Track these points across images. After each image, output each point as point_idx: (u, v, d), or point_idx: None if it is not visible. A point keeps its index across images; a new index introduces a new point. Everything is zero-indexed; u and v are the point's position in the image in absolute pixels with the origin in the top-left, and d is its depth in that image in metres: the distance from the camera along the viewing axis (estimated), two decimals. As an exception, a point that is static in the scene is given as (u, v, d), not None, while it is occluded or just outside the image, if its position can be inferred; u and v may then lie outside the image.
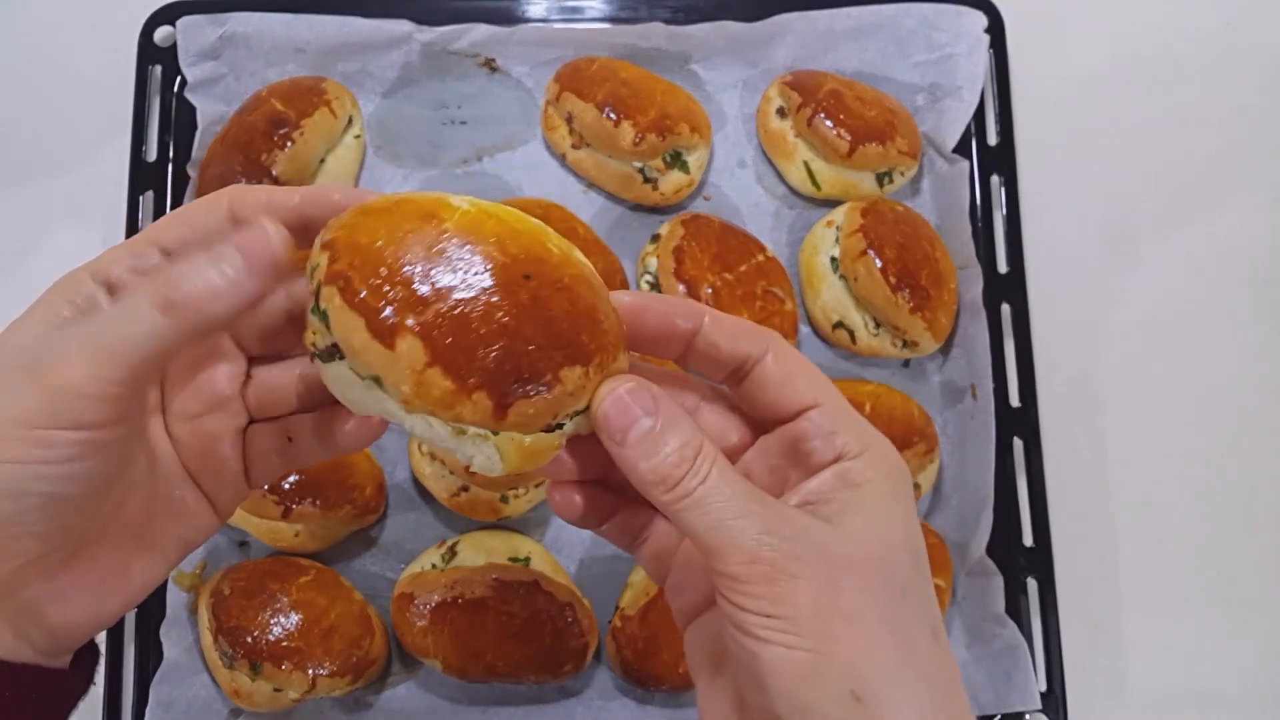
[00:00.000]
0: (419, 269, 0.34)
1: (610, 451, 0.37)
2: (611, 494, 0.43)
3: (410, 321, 0.34)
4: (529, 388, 0.35)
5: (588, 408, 0.37)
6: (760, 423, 0.41)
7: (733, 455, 0.41)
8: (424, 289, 0.34)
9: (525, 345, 0.34)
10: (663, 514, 0.37)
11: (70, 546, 0.37)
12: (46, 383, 0.33)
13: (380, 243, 0.35)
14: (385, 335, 0.34)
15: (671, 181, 0.81)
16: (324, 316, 0.35)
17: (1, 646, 0.36)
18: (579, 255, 0.38)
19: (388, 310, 0.34)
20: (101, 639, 0.69)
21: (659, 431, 0.36)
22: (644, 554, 0.45)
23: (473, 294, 0.34)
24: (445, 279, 0.34)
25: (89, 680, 0.40)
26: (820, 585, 0.34)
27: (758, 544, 0.34)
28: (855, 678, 0.34)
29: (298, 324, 0.42)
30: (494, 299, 0.34)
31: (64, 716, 0.40)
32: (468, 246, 0.35)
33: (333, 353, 0.36)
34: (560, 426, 0.37)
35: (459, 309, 0.34)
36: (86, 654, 0.41)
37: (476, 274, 0.34)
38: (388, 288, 0.34)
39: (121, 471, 0.37)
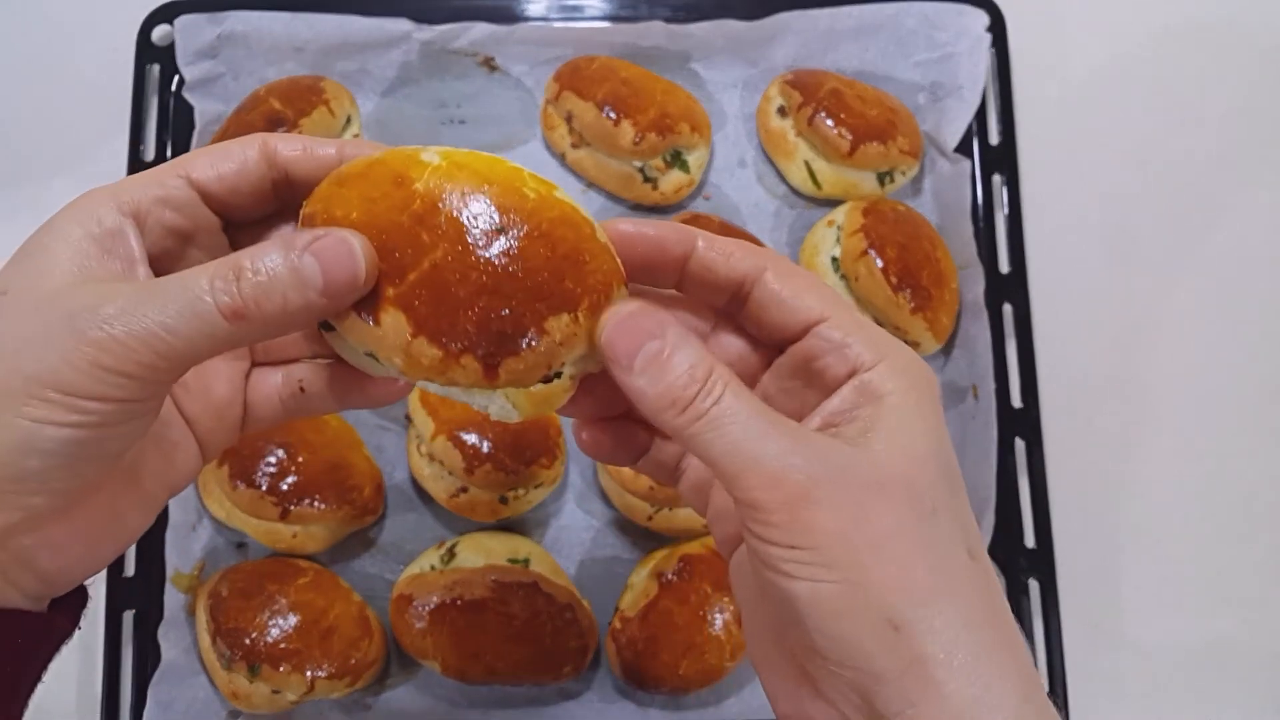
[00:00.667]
0: (394, 238, 0.34)
1: (619, 381, 0.35)
2: (643, 428, 0.42)
3: (391, 293, 0.34)
4: (515, 344, 0.35)
5: (592, 347, 0.37)
6: (771, 346, 0.39)
7: (748, 382, 0.39)
8: (401, 257, 0.34)
9: (505, 302, 0.34)
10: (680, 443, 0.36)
11: (75, 501, 0.36)
12: (95, 359, 0.32)
13: (355, 214, 0.35)
14: (370, 311, 0.34)
15: (671, 181, 0.80)
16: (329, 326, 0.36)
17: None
18: (560, 194, 0.37)
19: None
20: (99, 618, 0.70)
21: (667, 354, 0.34)
22: (684, 487, 0.43)
23: (448, 255, 0.34)
24: (420, 244, 0.34)
25: (75, 623, 0.40)
26: (845, 511, 0.32)
27: (778, 467, 0.32)
28: (890, 607, 0.32)
29: None
30: (470, 258, 0.34)
31: (48, 659, 0.39)
32: (440, 206, 0.35)
33: (331, 324, 0.36)
34: (559, 375, 0.37)
35: (435, 273, 0.34)
36: (73, 597, 0.40)
37: (450, 234, 0.34)
38: None
39: (142, 434, 0.37)
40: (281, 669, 0.66)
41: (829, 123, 0.79)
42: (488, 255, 0.34)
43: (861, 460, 0.33)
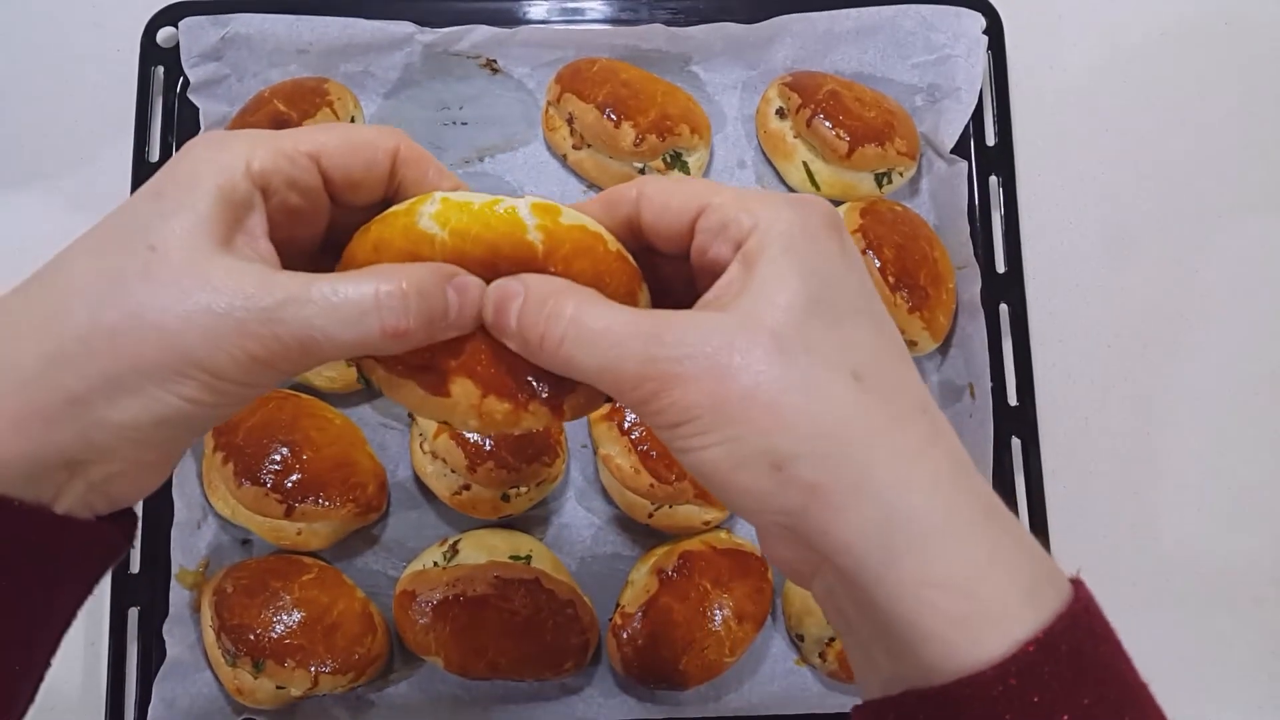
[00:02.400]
0: None
1: (511, 348, 0.36)
2: None
3: (452, 364, 0.37)
4: (570, 382, 0.37)
5: None
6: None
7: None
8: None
9: None
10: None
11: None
12: (252, 352, 0.33)
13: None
14: (438, 387, 0.37)
15: (672, 182, 0.81)
16: (368, 381, 0.39)
17: (73, 509, 0.37)
18: (566, 217, 0.37)
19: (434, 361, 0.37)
20: (104, 615, 0.70)
21: (526, 301, 0.35)
22: None
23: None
24: None
25: (130, 539, 0.41)
26: (710, 375, 0.33)
27: (638, 362, 0.33)
28: (770, 449, 0.32)
29: None
30: None
31: (106, 569, 0.41)
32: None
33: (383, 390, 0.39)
34: None
35: (485, 338, 0.37)
36: (126, 518, 0.41)
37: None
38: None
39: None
40: (286, 665, 0.67)
41: (827, 124, 0.79)
42: None
43: (723, 322, 0.34)
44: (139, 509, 0.41)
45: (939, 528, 0.32)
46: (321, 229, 0.40)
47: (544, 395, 0.37)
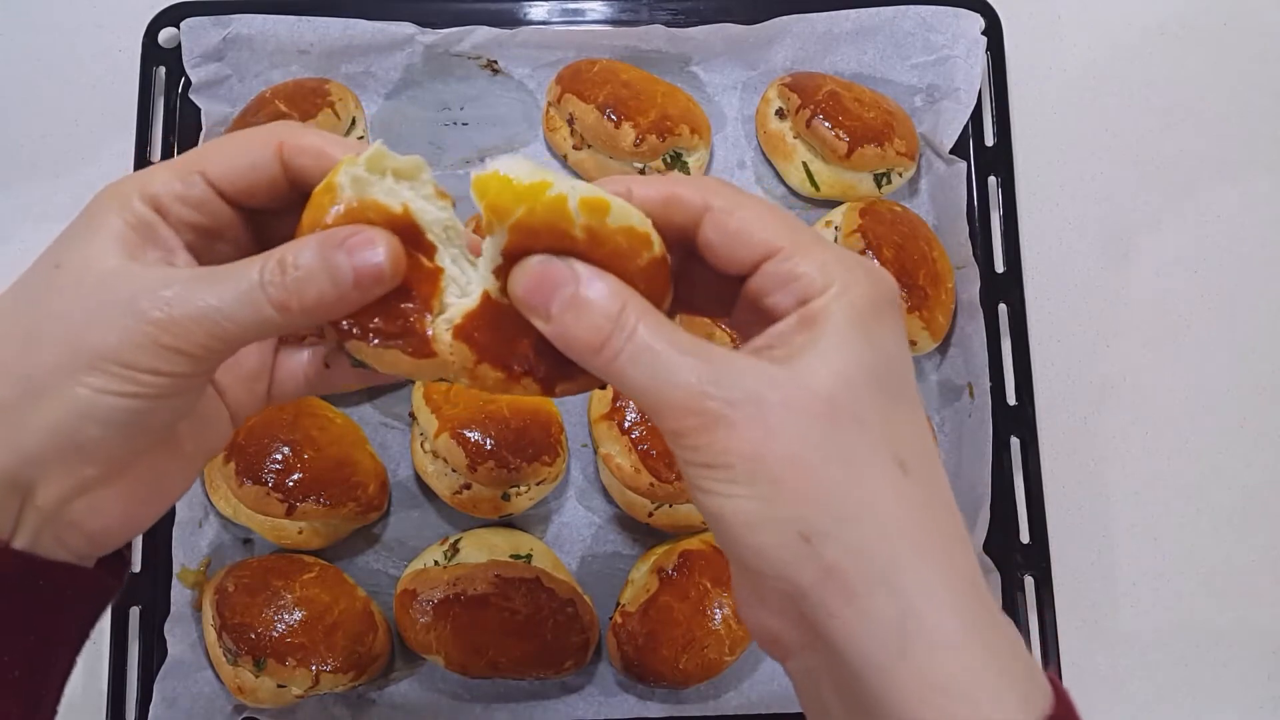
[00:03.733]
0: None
1: (543, 332, 0.35)
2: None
3: (441, 324, 0.37)
4: (571, 369, 0.36)
5: None
6: (733, 277, 0.38)
7: (721, 310, 0.40)
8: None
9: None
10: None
11: (124, 468, 0.39)
12: (156, 337, 0.34)
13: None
14: (422, 349, 0.37)
15: (672, 182, 0.81)
16: (359, 363, 0.38)
17: (44, 549, 0.38)
18: (615, 219, 0.35)
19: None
20: (105, 614, 0.70)
21: (581, 295, 0.34)
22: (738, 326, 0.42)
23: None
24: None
25: (119, 581, 0.42)
26: (757, 429, 0.32)
27: (688, 394, 0.33)
28: (800, 519, 0.32)
29: None
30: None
31: (96, 615, 0.41)
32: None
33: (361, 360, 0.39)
34: None
35: (485, 302, 0.37)
36: (114, 559, 0.42)
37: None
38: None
39: (190, 409, 0.39)
40: (287, 664, 0.67)
41: (827, 125, 0.80)
42: None
43: (780, 378, 0.33)
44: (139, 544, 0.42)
45: (953, 633, 0.32)
46: (246, 238, 0.40)
47: (540, 373, 0.37)
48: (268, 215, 0.41)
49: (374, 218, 0.36)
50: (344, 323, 0.37)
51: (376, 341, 0.37)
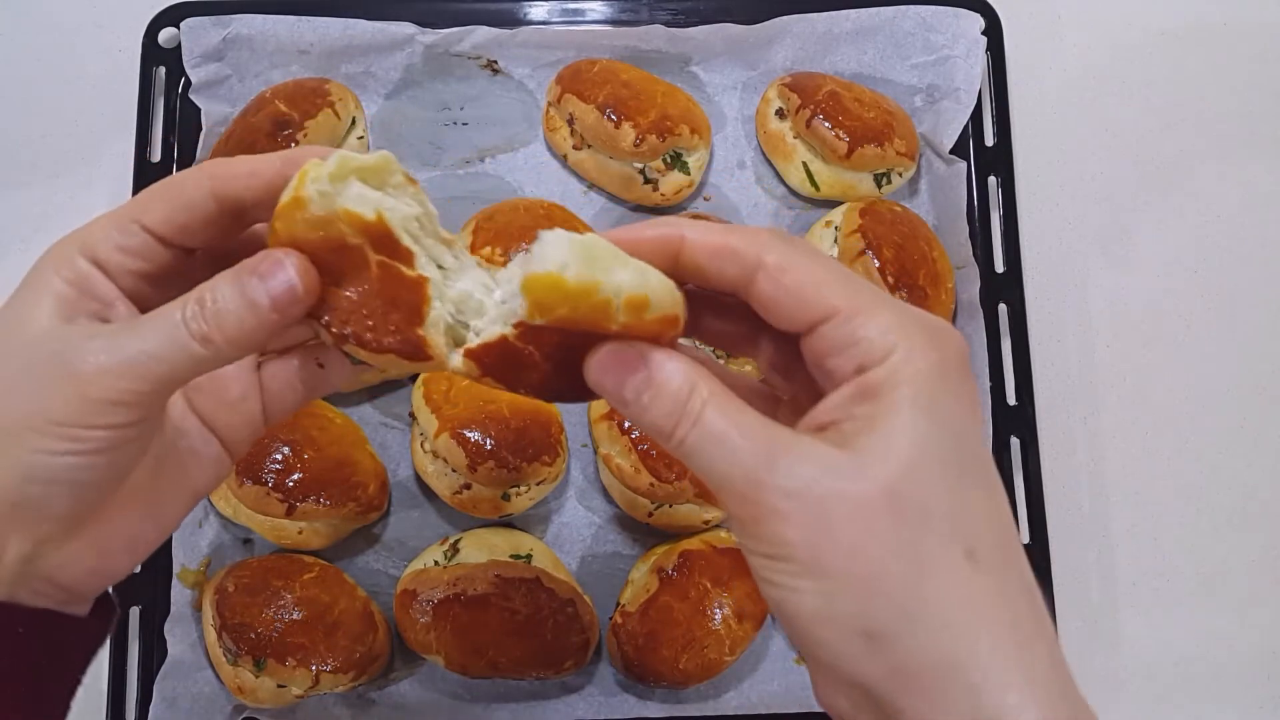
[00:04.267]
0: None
1: (620, 411, 0.36)
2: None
3: (444, 344, 0.38)
4: (573, 394, 0.38)
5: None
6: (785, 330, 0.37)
7: (766, 363, 0.40)
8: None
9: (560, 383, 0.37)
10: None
11: (84, 521, 0.38)
12: (83, 392, 0.35)
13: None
14: (417, 354, 0.37)
15: (672, 182, 0.81)
16: (359, 360, 0.39)
17: (24, 600, 0.38)
18: (654, 311, 0.35)
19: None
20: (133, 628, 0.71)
21: (654, 379, 0.34)
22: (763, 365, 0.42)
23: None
24: None
25: (106, 626, 0.42)
26: (814, 521, 0.32)
27: (747, 482, 0.33)
28: (865, 616, 0.31)
29: None
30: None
31: (86, 662, 0.41)
32: None
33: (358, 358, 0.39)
34: None
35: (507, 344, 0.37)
36: (103, 604, 0.42)
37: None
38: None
39: (144, 452, 0.39)
40: (287, 664, 0.67)
41: (827, 125, 0.80)
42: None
43: (840, 465, 0.32)
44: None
45: None
46: (205, 277, 0.40)
47: (544, 394, 0.38)
48: (229, 253, 0.41)
49: (344, 229, 0.35)
50: (340, 328, 0.37)
51: (369, 347, 0.37)
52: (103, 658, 0.71)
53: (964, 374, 0.34)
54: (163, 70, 0.82)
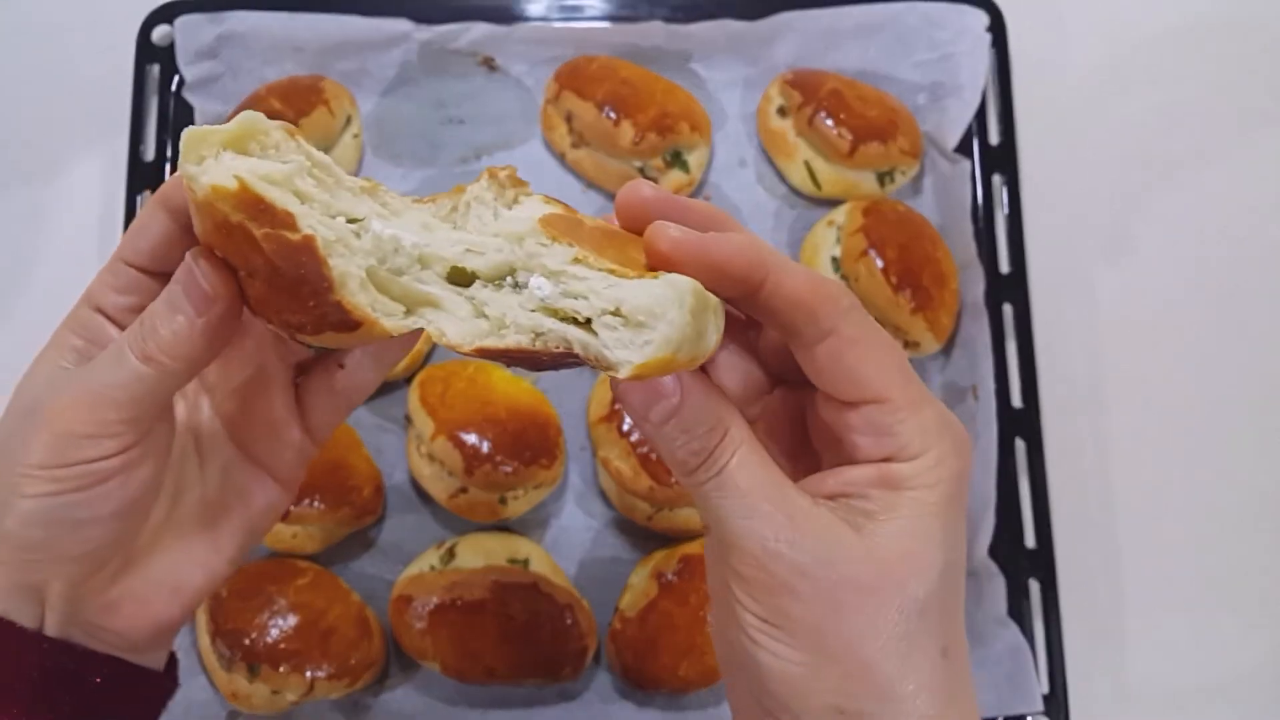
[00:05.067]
0: None
1: (636, 426, 0.36)
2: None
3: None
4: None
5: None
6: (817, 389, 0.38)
7: (753, 400, 0.40)
8: None
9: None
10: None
11: (116, 563, 0.40)
12: (52, 428, 0.36)
13: None
14: (349, 325, 0.35)
15: (671, 181, 0.80)
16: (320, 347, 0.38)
17: (77, 638, 0.40)
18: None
19: None
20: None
21: (680, 412, 0.33)
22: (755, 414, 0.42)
23: None
24: None
25: (173, 686, 0.43)
26: (823, 603, 0.33)
27: (762, 549, 0.33)
28: (844, 694, 0.33)
29: None
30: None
31: (156, 712, 0.43)
32: None
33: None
34: None
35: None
36: (172, 666, 0.44)
37: None
38: None
39: (149, 487, 0.39)
40: (281, 669, 0.66)
41: (829, 123, 0.79)
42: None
43: (856, 552, 0.33)
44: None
45: None
46: None
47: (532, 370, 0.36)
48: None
49: (223, 208, 0.33)
50: (275, 319, 0.36)
51: (308, 330, 0.35)
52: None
53: (968, 486, 0.37)
54: (156, 68, 0.81)
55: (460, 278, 0.35)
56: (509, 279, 0.35)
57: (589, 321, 0.32)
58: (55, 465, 0.36)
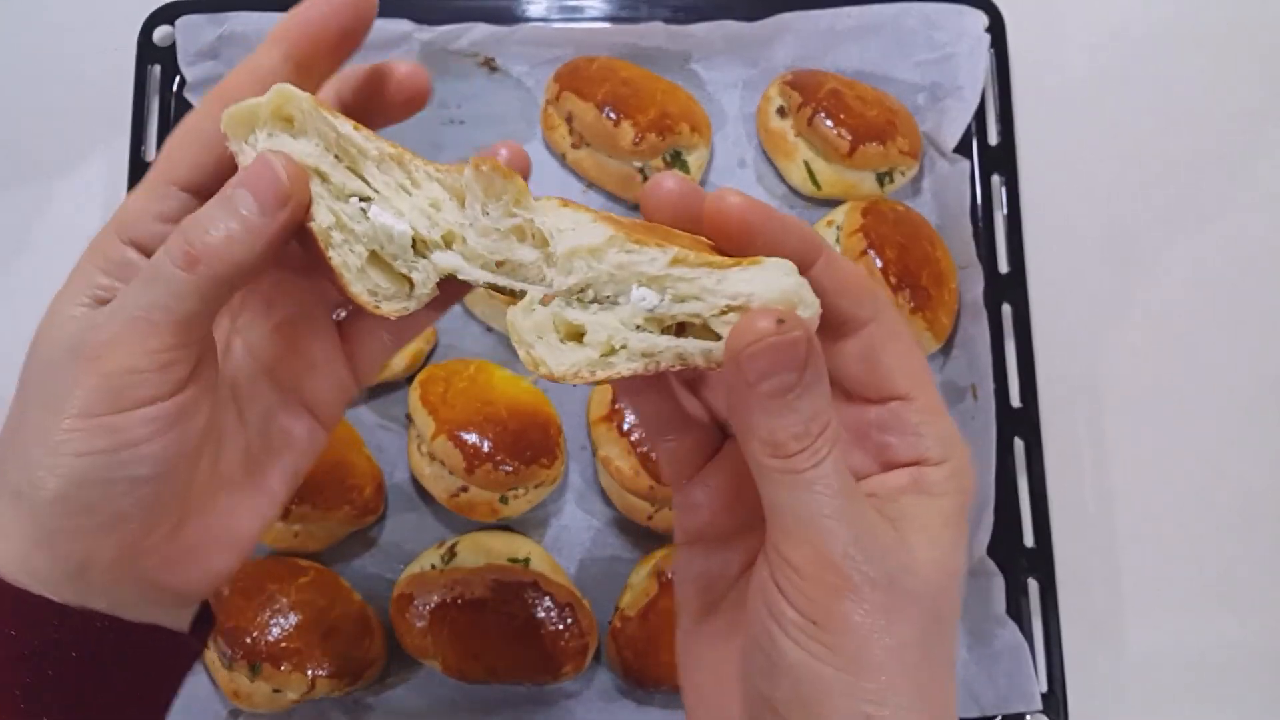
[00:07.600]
0: None
1: (732, 392, 0.32)
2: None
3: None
4: None
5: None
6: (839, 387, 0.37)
7: None
8: None
9: None
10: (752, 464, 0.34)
11: (172, 518, 0.36)
12: (99, 369, 0.32)
13: None
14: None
15: (671, 181, 0.80)
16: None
17: (131, 611, 0.36)
18: None
19: None
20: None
21: (795, 395, 0.31)
22: (666, 449, 0.41)
23: None
24: None
25: (204, 642, 0.41)
26: (878, 612, 0.33)
27: (843, 557, 0.32)
28: (875, 702, 0.33)
29: None
30: None
31: (183, 674, 0.40)
32: None
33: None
34: None
35: None
36: (204, 615, 0.41)
37: None
38: None
39: (204, 434, 0.36)
40: (282, 668, 0.67)
41: (829, 123, 0.79)
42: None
43: (909, 564, 0.34)
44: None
45: None
46: None
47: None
48: None
49: None
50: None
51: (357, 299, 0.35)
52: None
53: (971, 500, 0.37)
54: (157, 68, 0.81)
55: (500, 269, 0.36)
56: (589, 291, 0.33)
57: (683, 327, 0.32)
58: (108, 412, 0.32)
